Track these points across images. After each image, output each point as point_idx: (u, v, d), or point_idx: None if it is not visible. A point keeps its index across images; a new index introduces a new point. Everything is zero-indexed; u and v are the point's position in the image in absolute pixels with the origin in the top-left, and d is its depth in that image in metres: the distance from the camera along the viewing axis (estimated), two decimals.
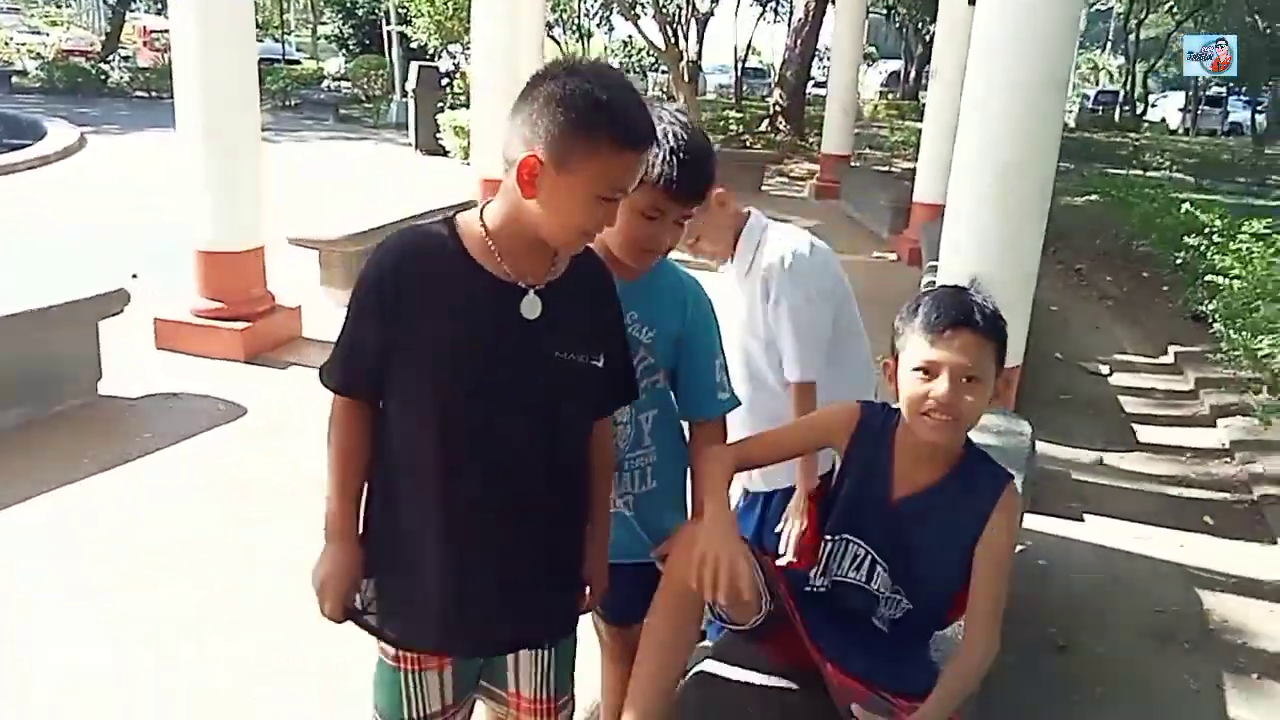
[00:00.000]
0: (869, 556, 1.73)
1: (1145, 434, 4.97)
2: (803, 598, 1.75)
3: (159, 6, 27.86)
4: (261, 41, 28.79)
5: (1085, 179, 12.67)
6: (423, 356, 1.38)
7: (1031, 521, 3.59)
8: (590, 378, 1.47)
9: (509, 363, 1.39)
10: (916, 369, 1.63)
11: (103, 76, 21.96)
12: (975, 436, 2.88)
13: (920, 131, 9.29)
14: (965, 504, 1.67)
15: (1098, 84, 37.36)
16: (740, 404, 1.84)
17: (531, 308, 1.38)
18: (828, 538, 1.75)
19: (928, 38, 28.40)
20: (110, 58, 24.64)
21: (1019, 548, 3.29)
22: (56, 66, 22.54)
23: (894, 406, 1.78)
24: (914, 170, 9.62)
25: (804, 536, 2.17)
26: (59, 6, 37.58)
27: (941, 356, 1.60)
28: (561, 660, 1.60)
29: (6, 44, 27.85)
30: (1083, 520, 3.90)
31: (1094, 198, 11.34)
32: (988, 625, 1.63)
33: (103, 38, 28.45)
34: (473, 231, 1.39)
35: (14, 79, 21.47)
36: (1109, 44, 38.77)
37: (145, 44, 28.86)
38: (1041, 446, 3.66)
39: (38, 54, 25.97)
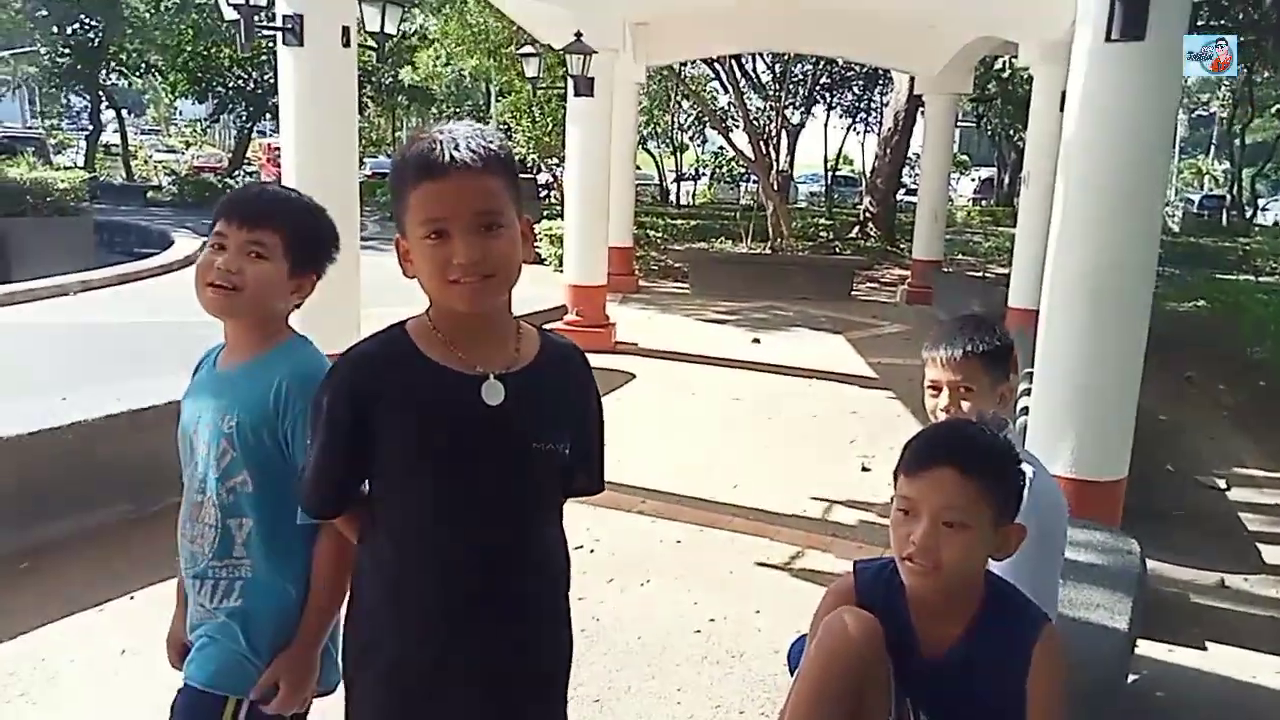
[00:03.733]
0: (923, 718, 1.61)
1: (1271, 554, 4.60)
2: None
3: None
4: (375, 157, 30.56)
5: (1192, 284, 12.22)
6: (397, 463, 1.38)
7: (1146, 648, 3.32)
8: (559, 466, 1.44)
9: (481, 453, 1.37)
10: (899, 508, 1.54)
11: (228, 190, 23.51)
12: (1076, 555, 2.71)
13: (1012, 237, 9.19)
14: (999, 654, 1.54)
15: (1203, 188, 36.42)
16: None
17: (493, 393, 1.36)
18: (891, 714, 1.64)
19: (1020, 144, 28.34)
20: (235, 173, 26.42)
21: (1132, 678, 3.03)
22: (187, 182, 24.27)
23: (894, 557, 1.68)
24: (1007, 276, 9.46)
25: None
26: (195, 129, 40.70)
27: (918, 494, 1.52)
28: None
29: (145, 162, 30.26)
30: (1205, 649, 3.58)
31: (1202, 303, 10.91)
32: None
33: (229, 155, 30.59)
34: (422, 329, 1.40)
35: (149, 193, 23.17)
36: (1213, 148, 37.91)
37: (268, 160, 30.99)
38: (1154, 565, 3.42)
39: (172, 170, 28.10)
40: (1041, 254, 7.76)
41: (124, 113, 30.80)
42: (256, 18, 4.65)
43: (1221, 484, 5.61)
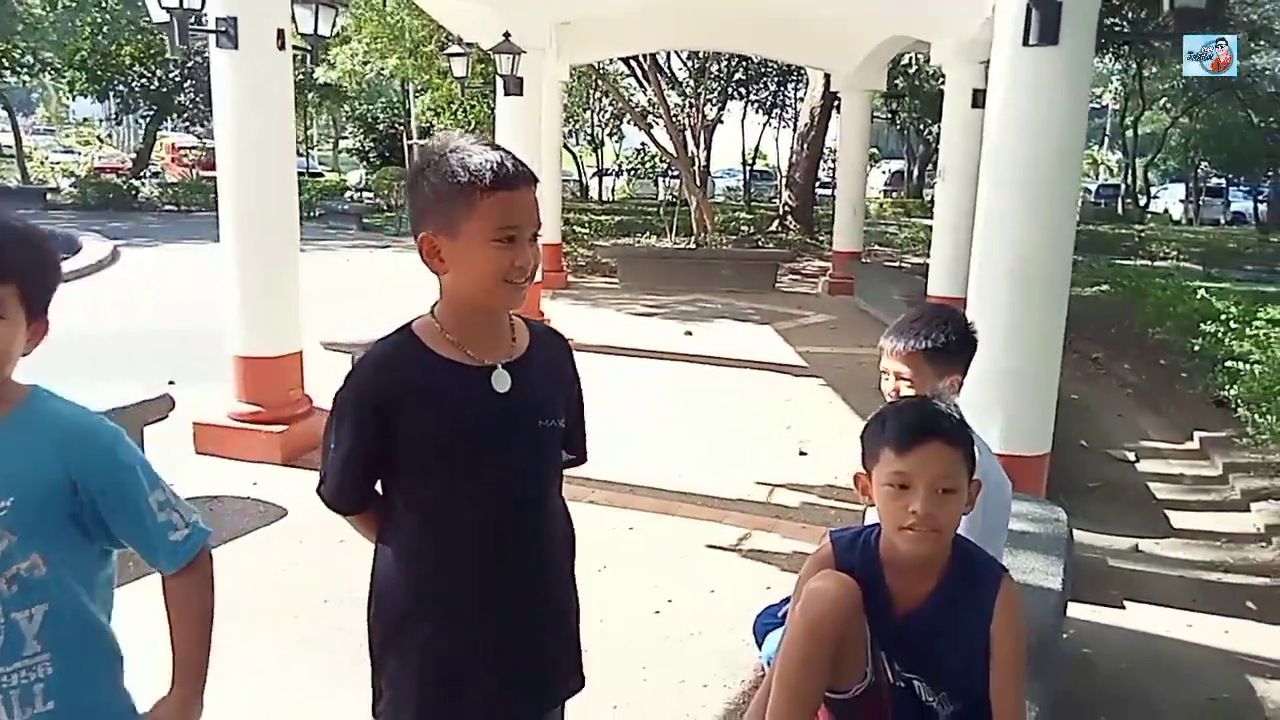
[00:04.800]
0: (900, 672, 1.76)
1: (1179, 520, 4.96)
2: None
3: (186, 125, 28.93)
4: None
5: (1095, 270, 12.86)
6: (420, 455, 1.50)
7: (1073, 610, 3.58)
8: (560, 439, 1.62)
9: (498, 437, 1.50)
10: (889, 483, 1.69)
11: (133, 192, 22.71)
12: (1010, 524, 2.93)
13: (927, 228, 9.58)
14: (966, 603, 1.71)
15: (1098, 178, 38.10)
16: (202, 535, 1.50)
17: (501, 381, 1.50)
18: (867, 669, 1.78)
19: (930, 137, 29.22)
20: (141, 173, 25.50)
21: (1064, 635, 3.27)
22: (89, 184, 23.33)
23: (866, 526, 1.84)
24: (924, 265, 9.81)
25: None
26: (91, 129, 39.06)
27: (914, 468, 1.66)
28: None
29: (42, 163, 28.92)
30: (1124, 608, 3.88)
31: (1105, 288, 11.50)
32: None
33: (133, 155, 29.49)
34: (429, 329, 1.52)
35: (48, 195, 22.20)
36: (1105, 139, 39.67)
37: (173, 160, 29.93)
38: (1077, 535, 3.67)
39: (71, 172, 26.93)
40: (958, 245, 8.16)
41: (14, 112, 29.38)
42: (190, 20, 4.57)
43: (1131, 457, 5.99)
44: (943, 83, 11.47)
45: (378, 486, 1.59)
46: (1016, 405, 4.02)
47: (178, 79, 25.83)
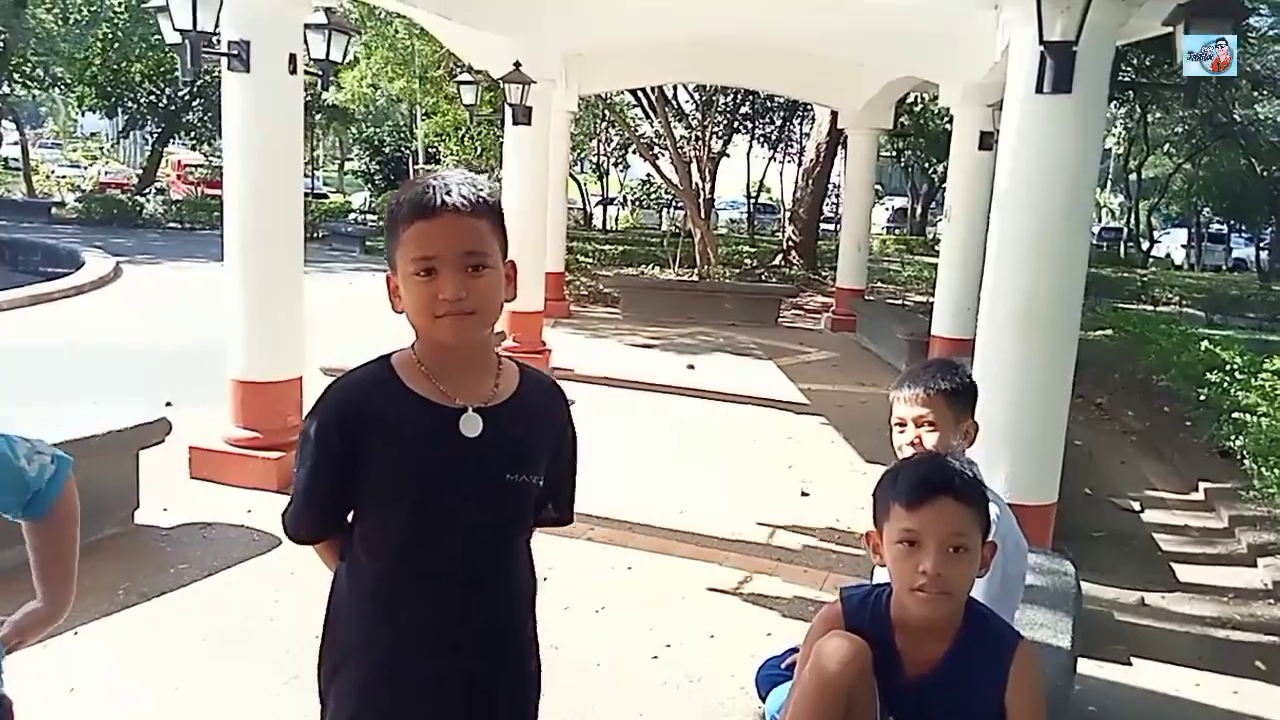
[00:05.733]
0: None
1: (1185, 573, 4.88)
2: None
3: (193, 143, 29.08)
4: None
5: (1098, 314, 12.84)
6: (383, 486, 1.44)
7: (1080, 665, 3.51)
8: (533, 496, 1.53)
9: (457, 482, 1.44)
10: (899, 540, 1.64)
11: (138, 208, 22.76)
12: None
13: (930, 265, 9.54)
14: (979, 669, 1.66)
15: (1101, 220, 38.29)
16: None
17: (471, 426, 1.43)
18: None
19: (934, 175, 29.38)
20: (146, 190, 25.58)
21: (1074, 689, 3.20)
22: (94, 198, 23.39)
23: (877, 585, 1.79)
24: (926, 303, 9.76)
25: None
26: (97, 144, 39.29)
27: (924, 525, 1.61)
28: None
29: (48, 177, 29.06)
30: (1130, 664, 3.80)
31: (1108, 333, 11.48)
32: None
33: (139, 172, 29.61)
34: (407, 363, 1.47)
35: (53, 210, 22.25)
36: (1109, 182, 39.93)
37: (179, 177, 30.08)
38: (1083, 586, 3.61)
39: (77, 186, 27.04)
40: (963, 285, 8.15)
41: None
42: (204, 44, 4.57)
43: (1136, 506, 5.92)
44: (948, 122, 11.52)
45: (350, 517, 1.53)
46: (1023, 453, 3.98)
47: (186, 97, 25.96)
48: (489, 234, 1.42)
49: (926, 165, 28.87)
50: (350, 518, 1.51)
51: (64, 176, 30.83)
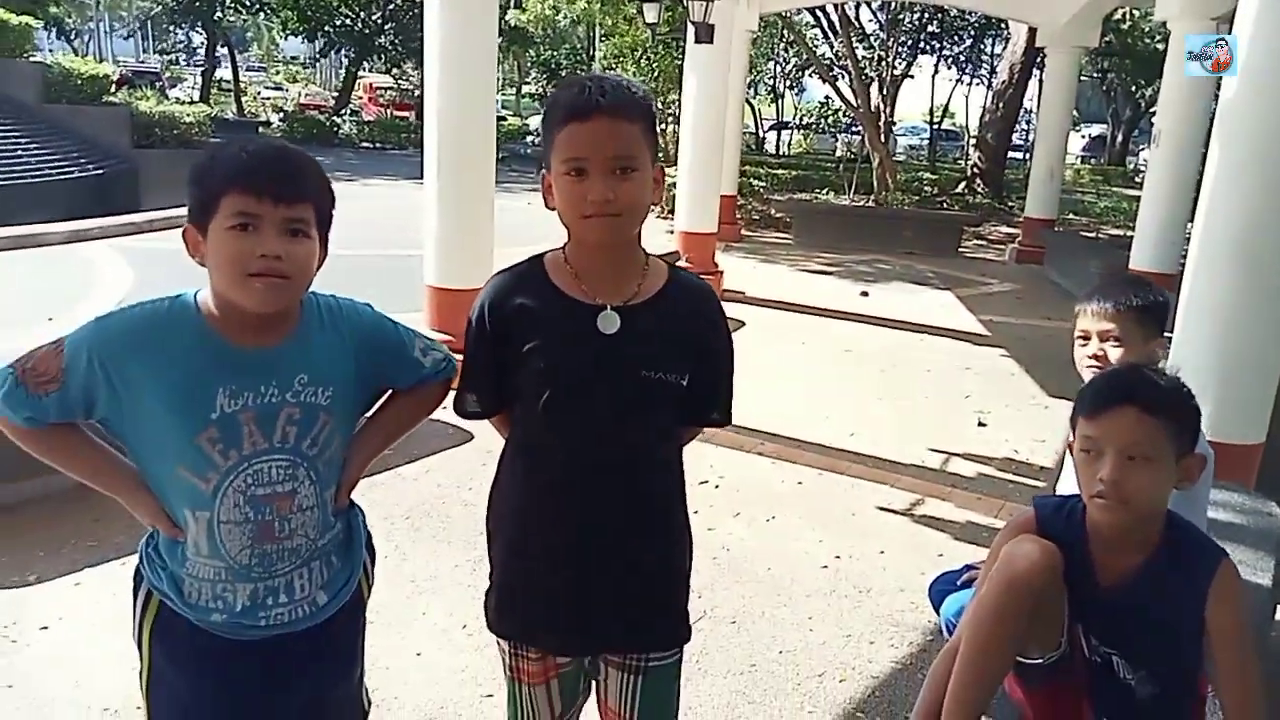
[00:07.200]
0: (1099, 647, 1.70)
1: None
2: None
3: (386, 66, 30.39)
4: None
5: None
6: (528, 375, 1.50)
7: None
8: (674, 396, 1.53)
9: (593, 376, 1.48)
10: (1081, 448, 1.62)
11: (334, 128, 24.13)
12: (1215, 514, 2.76)
13: (1129, 198, 8.86)
14: (1176, 585, 1.62)
15: None
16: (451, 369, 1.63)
17: (607, 323, 1.47)
18: (1062, 639, 1.72)
19: (1140, 101, 27.08)
20: (342, 111, 27.04)
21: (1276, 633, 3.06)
22: (295, 119, 24.95)
23: (1072, 495, 1.76)
24: (1122, 237, 9.09)
25: None
26: (301, 66, 41.61)
27: (1102, 433, 1.58)
28: (649, 689, 1.62)
29: (254, 99, 31.14)
30: None
31: None
32: (1248, 708, 1.57)
33: (335, 94, 31.26)
34: (555, 262, 1.54)
35: (260, 129, 23.90)
36: None
37: (370, 100, 31.56)
38: None
39: (280, 107, 28.87)
40: (1169, 215, 7.60)
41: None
42: None
43: None
44: (1160, 40, 10.56)
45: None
46: (1230, 388, 3.73)
47: (379, 21, 27.07)
48: (640, 138, 1.43)
49: (1133, 89, 26.61)
50: (513, 413, 1.61)
51: (268, 98, 32.96)
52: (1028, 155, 16.39)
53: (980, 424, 5.43)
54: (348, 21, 27.24)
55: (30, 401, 1.37)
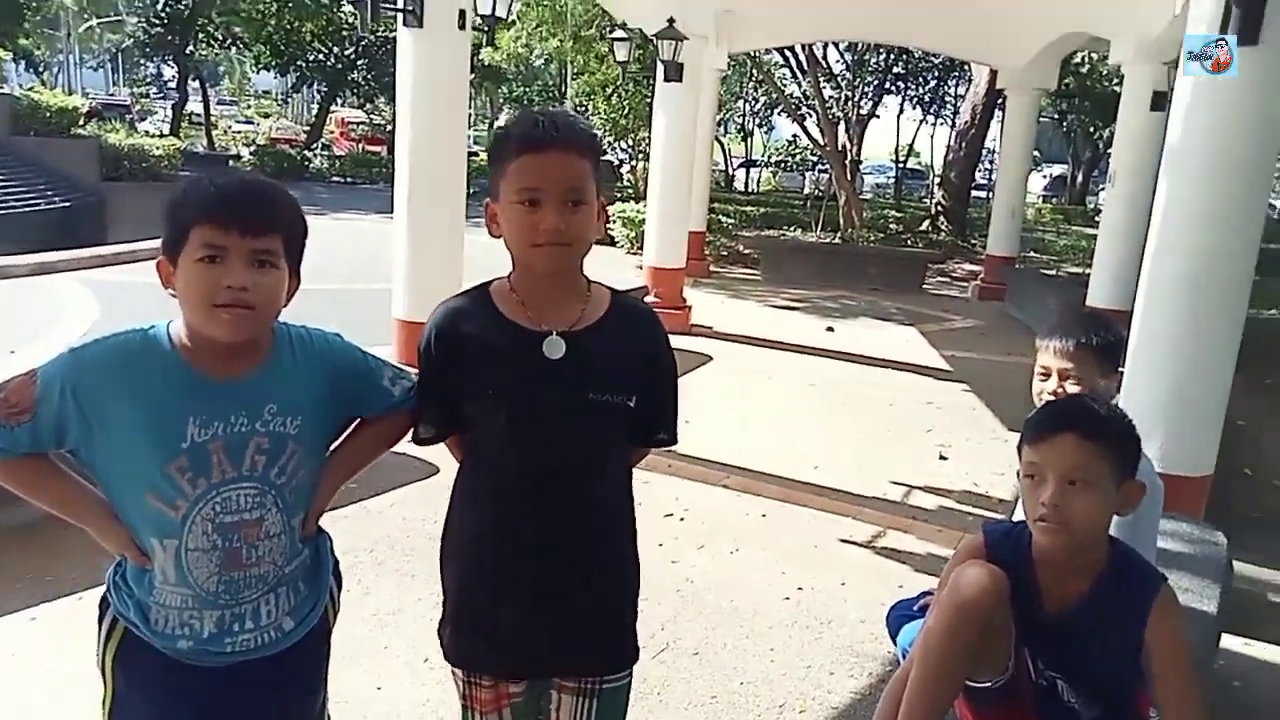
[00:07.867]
0: (1044, 671, 1.75)
1: None
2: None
3: (359, 101, 30.46)
4: None
5: (1274, 292, 11.95)
6: (477, 400, 1.56)
7: (1228, 642, 3.41)
8: (622, 418, 1.58)
9: (541, 400, 1.53)
10: (1026, 474, 1.69)
11: (305, 162, 24.11)
12: (1165, 544, 2.84)
13: (1088, 236, 9.11)
14: (1119, 610, 1.67)
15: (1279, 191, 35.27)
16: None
17: (553, 348, 1.53)
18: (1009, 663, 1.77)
19: (1099, 142, 27.73)
20: (313, 145, 27.03)
21: (1216, 665, 3.13)
22: (266, 152, 24.90)
23: (1019, 521, 1.82)
24: (1082, 275, 9.30)
25: None
26: (274, 100, 41.62)
27: (1045, 458, 1.65)
28: (603, 711, 1.66)
29: (225, 132, 31.07)
30: None
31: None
32: None
33: (307, 129, 31.26)
34: (501, 289, 1.59)
35: (230, 162, 23.82)
36: None
37: (341, 134, 31.55)
38: (1236, 566, 3.49)
39: (251, 140, 28.81)
40: (1125, 253, 7.79)
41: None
42: (383, 1, 4.88)
43: None
44: (1118, 83, 10.90)
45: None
46: (1181, 422, 3.85)
47: (352, 56, 27.18)
48: (589, 172, 1.50)
49: (1091, 130, 27.26)
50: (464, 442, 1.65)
51: (239, 132, 32.90)
52: (990, 194, 16.72)
53: (941, 457, 5.51)
54: (320, 57, 27.30)
55: (2, 432, 1.38)
